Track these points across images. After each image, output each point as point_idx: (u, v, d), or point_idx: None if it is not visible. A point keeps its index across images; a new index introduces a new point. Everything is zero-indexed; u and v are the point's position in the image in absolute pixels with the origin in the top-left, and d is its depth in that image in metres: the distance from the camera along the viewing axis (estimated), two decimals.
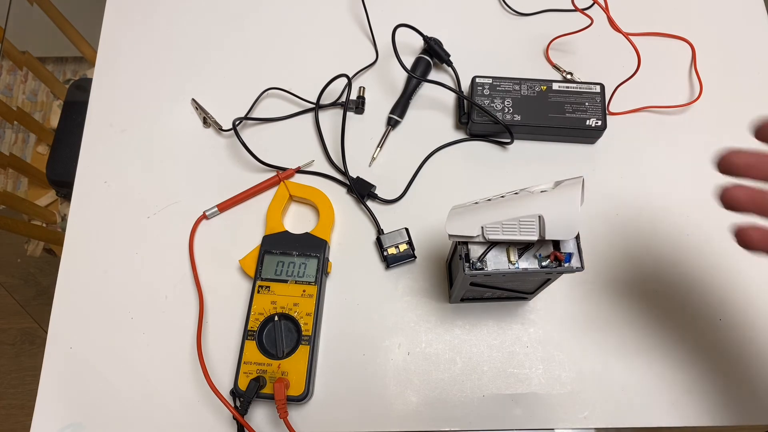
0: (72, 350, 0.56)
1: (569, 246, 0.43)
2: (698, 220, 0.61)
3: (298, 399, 0.51)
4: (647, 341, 0.56)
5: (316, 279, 0.55)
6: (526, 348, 0.56)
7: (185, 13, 0.71)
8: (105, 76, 0.68)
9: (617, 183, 0.63)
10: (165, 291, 0.58)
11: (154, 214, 0.61)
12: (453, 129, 0.66)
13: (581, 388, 0.55)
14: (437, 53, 0.66)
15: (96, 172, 0.63)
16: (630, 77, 0.62)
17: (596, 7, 0.63)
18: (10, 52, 1.05)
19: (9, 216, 0.99)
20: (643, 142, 0.65)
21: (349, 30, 0.71)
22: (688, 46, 0.69)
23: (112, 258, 0.59)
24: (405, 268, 0.59)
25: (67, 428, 0.53)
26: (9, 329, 1.41)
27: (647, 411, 0.54)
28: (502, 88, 0.63)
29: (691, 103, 0.67)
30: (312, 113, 0.66)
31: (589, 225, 0.61)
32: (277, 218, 0.59)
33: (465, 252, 0.43)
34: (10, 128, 1.62)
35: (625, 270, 0.59)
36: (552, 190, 0.41)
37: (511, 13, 0.72)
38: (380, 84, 0.68)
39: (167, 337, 0.56)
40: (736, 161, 0.34)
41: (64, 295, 0.58)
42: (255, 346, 0.52)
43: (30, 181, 1.23)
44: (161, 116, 0.66)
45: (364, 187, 0.61)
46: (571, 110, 0.62)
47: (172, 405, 0.54)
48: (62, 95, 1.16)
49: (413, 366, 0.55)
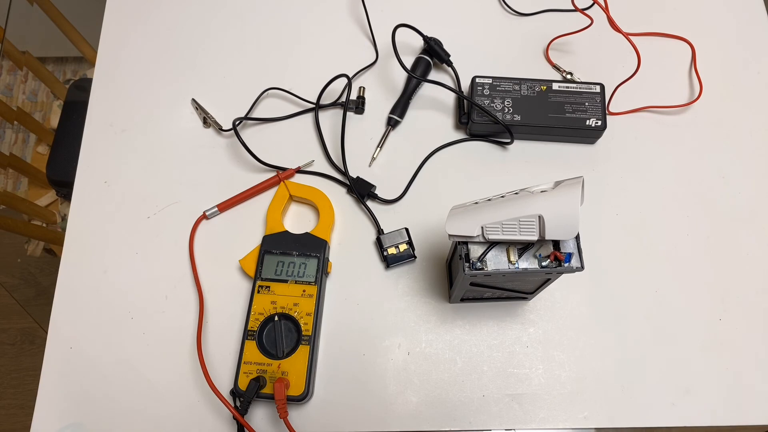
0: (72, 350, 0.56)
1: (569, 246, 0.43)
2: (698, 220, 0.61)
3: (298, 399, 0.51)
4: (647, 341, 0.56)
5: (316, 279, 0.55)
6: (526, 348, 0.56)
7: (185, 13, 0.71)
8: (105, 76, 0.68)
9: (617, 183, 0.63)
10: (165, 291, 0.58)
11: (154, 214, 0.61)
12: (453, 129, 0.66)
13: (581, 388, 0.55)
14: (437, 53, 0.66)
15: (96, 172, 0.63)
16: (630, 77, 0.62)
17: (596, 7, 0.63)
18: (10, 52, 1.05)
19: (9, 216, 0.99)
20: (643, 142, 0.65)
21: (349, 30, 0.71)
22: (688, 46, 0.69)
23: (112, 258, 0.59)
24: (405, 268, 0.59)
25: (67, 428, 0.53)
26: (9, 329, 1.41)
27: (647, 411, 0.54)
28: (502, 88, 0.63)
29: (691, 103, 0.67)
30: (312, 113, 0.66)
31: (589, 225, 0.61)
32: (277, 218, 0.59)
33: (465, 252, 0.43)
34: (10, 128, 1.62)
35: (625, 270, 0.59)
36: (552, 190, 0.41)
37: (511, 13, 0.72)
38: (380, 84, 0.68)
39: (167, 337, 0.56)
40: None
41: (64, 295, 0.58)
42: (255, 346, 0.52)
43: (30, 181, 1.23)
44: (161, 116, 0.66)
45: (364, 187, 0.61)
46: (571, 110, 0.62)
47: (172, 405, 0.54)
48: (62, 95, 1.16)
49: (413, 366, 0.55)
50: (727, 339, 0.57)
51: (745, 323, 0.57)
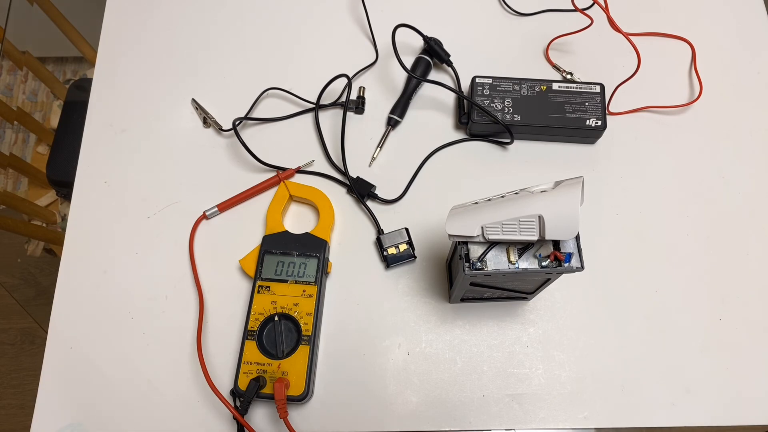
0: (72, 350, 0.56)
1: (569, 246, 0.43)
2: (698, 220, 0.61)
3: (298, 399, 0.51)
4: (647, 341, 0.56)
5: (316, 279, 0.55)
6: (526, 348, 0.56)
7: (185, 13, 0.71)
8: (105, 76, 0.68)
9: (617, 183, 0.63)
10: (165, 291, 0.58)
11: (154, 214, 0.61)
12: (453, 129, 0.66)
13: (581, 388, 0.55)
14: (437, 53, 0.66)
15: (96, 172, 0.63)
16: (630, 77, 0.62)
17: (596, 7, 0.63)
18: (10, 52, 1.05)
19: (9, 216, 0.99)
20: (643, 142, 0.65)
21: (349, 30, 0.71)
22: (688, 46, 0.69)
23: (112, 258, 0.59)
24: (405, 268, 0.59)
25: (67, 428, 0.53)
26: (9, 329, 1.41)
27: (647, 411, 0.54)
28: (502, 88, 0.63)
29: (691, 103, 0.67)
30: (312, 113, 0.66)
31: (589, 225, 0.61)
32: (277, 218, 0.59)
33: (465, 252, 0.43)
34: (10, 128, 1.62)
35: (625, 270, 0.59)
36: (552, 190, 0.41)
37: (511, 13, 0.72)
38: (380, 84, 0.68)
39: (167, 337, 0.56)
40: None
41: (64, 295, 0.58)
42: (255, 346, 0.52)
43: (30, 181, 1.23)
44: (161, 116, 0.66)
45: (364, 187, 0.61)
46: (571, 110, 0.62)
47: (172, 405, 0.54)
48: (62, 95, 1.15)
49: (413, 366, 0.55)
50: (727, 339, 0.57)
51: (745, 323, 0.57)
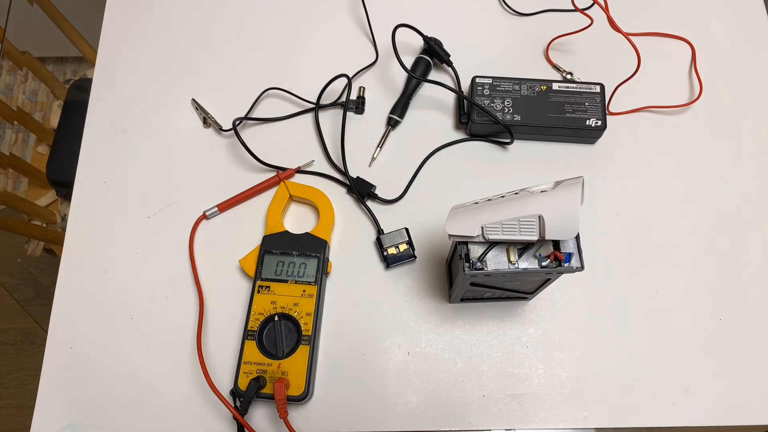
0: (72, 350, 0.56)
1: (569, 246, 0.43)
2: (698, 220, 0.61)
3: (298, 399, 0.51)
4: (647, 341, 0.56)
5: (316, 279, 0.55)
6: (526, 348, 0.56)
7: (185, 13, 0.71)
8: (105, 76, 0.68)
9: (617, 183, 0.63)
10: (165, 291, 0.58)
11: (154, 214, 0.61)
12: (453, 129, 0.66)
13: (581, 388, 0.55)
14: (437, 53, 0.66)
15: (96, 172, 0.63)
16: (630, 77, 0.62)
17: (596, 7, 0.63)
18: (10, 52, 1.05)
19: (9, 216, 0.99)
20: (642, 142, 0.65)
21: (349, 30, 0.71)
22: (688, 46, 0.69)
23: (112, 258, 0.59)
24: (405, 268, 0.59)
25: (67, 428, 0.53)
26: (9, 329, 1.41)
27: (647, 411, 0.54)
28: (502, 88, 0.63)
29: (691, 103, 0.67)
30: (312, 113, 0.66)
31: (589, 225, 0.61)
32: (277, 218, 0.59)
33: (465, 252, 0.43)
34: (10, 128, 1.62)
35: (624, 270, 0.59)
36: (552, 190, 0.41)
37: (511, 13, 0.72)
38: (380, 84, 0.68)
39: (167, 337, 0.56)
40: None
41: (64, 295, 0.58)
42: (255, 346, 0.52)
43: (30, 181, 1.23)
44: (161, 116, 0.66)
45: (364, 187, 0.61)
46: (571, 110, 0.62)
47: (172, 405, 0.54)
48: (62, 95, 1.15)
49: (413, 366, 0.55)
50: (727, 339, 0.57)
51: (745, 323, 0.57)
